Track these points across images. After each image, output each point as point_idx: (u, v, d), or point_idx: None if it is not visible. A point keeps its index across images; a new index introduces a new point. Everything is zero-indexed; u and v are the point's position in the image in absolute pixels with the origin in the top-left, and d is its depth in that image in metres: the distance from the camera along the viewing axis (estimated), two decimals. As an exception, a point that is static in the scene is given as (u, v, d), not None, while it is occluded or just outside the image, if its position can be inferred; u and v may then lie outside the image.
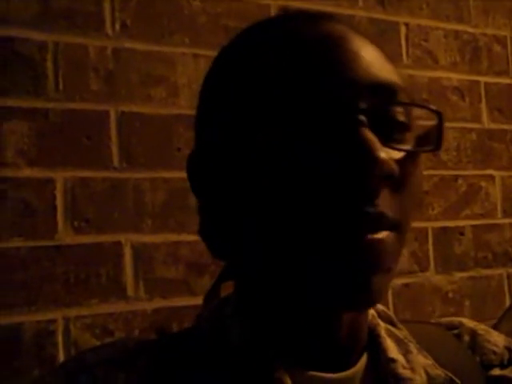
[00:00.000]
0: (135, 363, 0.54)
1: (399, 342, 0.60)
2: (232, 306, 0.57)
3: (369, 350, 0.58)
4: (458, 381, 0.58)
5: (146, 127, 1.29)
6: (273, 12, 1.47)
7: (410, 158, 0.52)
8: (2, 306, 1.13)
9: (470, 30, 1.79)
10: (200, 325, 0.59)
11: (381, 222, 0.48)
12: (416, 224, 1.59)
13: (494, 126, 1.78)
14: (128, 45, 1.30)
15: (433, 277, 1.60)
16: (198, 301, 1.28)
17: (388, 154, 0.48)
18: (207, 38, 1.39)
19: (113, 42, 1.29)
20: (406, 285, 1.55)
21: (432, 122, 0.54)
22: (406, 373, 0.57)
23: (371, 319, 0.60)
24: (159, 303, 1.25)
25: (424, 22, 1.71)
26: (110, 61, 1.28)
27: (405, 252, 1.56)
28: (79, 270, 1.19)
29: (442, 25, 1.74)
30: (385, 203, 0.49)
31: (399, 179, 0.50)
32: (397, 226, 0.50)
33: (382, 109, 0.51)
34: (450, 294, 1.62)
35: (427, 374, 0.58)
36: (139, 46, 1.31)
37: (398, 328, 0.62)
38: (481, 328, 0.67)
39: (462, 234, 1.67)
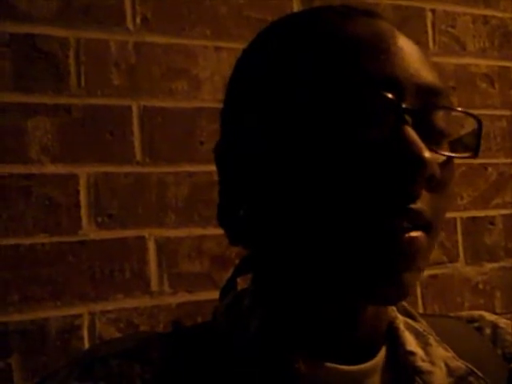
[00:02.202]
0: (150, 355, 0.54)
1: (418, 334, 0.60)
2: (250, 298, 0.57)
3: (387, 343, 0.58)
4: (479, 373, 0.58)
5: (169, 121, 1.29)
6: (295, 3, 1.45)
7: (448, 162, 0.52)
8: (28, 302, 1.14)
9: (499, 14, 1.75)
10: (217, 318, 0.59)
11: (418, 221, 0.49)
12: (444, 214, 1.56)
13: (524, 112, 1.74)
14: (149, 39, 1.30)
15: (462, 268, 1.58)
16: (223, 294, 1.28)
17: (432, 156, 0.49)
18: (229, 29, 1.38)
19: (134, 36, 1.29)
20: (435, 276, 1.53)
21: (467, 128, 0.54)
22: (426, 365, 0.57)
23: (390, 312, 0.60)
24: (184, 297, 1.25)
25: (451, 7, 1.67)
26: (132, 55, 1.28)
27: (433, 243, 1.54)
28: (103, 265, 1.20)
29: (469, 10, 1.70)
30: (423, 203, 0.49)
31: (438, 182, 0.50)
32: (430, 228, 0.50)
33: (426, 111, 0.51)
34: (480, 286, 1.59)
35: (447, 366, 0.57)
36: (160, 40, 1.31)
37: (417, 321, 0.62)
38: (502, 321, 0.67)
39: (492, 223, 1.64)
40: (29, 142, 1.18)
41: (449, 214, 1.57)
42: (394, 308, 0.61)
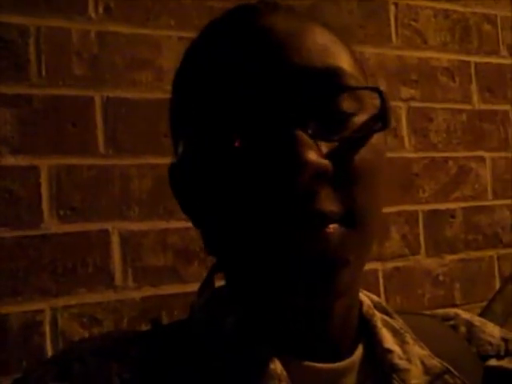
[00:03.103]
0: (128, 353, 0.53)
1: (395, 332, 0.60)
2: (226, 296, 0.57)
3: (365, 341, 0.58)
4: (454, 371, 0.58)
5: (132, 112, 1.27)
6: (260, -7, 1.44)
7: (358, 142, 0.51)
8: (-12, 297, 1.11)
9: (460, 9, 1.77)
10: (194, 315, 0.58)
11: (324, 219, 0.48)
12: (406, 207, 1.58)
13: (484, 106, 1.77)
14: (112, 28, 1.28)
15: (423, 260, 1.60)
16: (187, 288, 1.28)
17: (317, 153, 0.47)
18: (193, 20, 1.36)
19: (96, 25, 1.26)
20: (397, 268, 1.55)
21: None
22: (403, 363, 0.56)
23: (367, 310, 0.60)
24: (148, 291, 1.24)
25: (413, 1, 1.69)
26: (94, 45, 1.26)
27: (395, 235, 1.56)
28: (66, 259, 1.18)
29: (431, 4, 1.72)
30: (328, 199, 0.48)
31: (342, 170, 0.49)
32: (348, 219, 0.49)
33: (317, 98, 0.49)
34: (441, 277, 1.62)
35: (423, 364, 0.57)
36: (123, 30, 1.29)
37: (394, 318, 0.62)
38: (476, 319, 0.67)
39: (452, 216, 1.66)
40: (-13, 133, 1.15)
41: (410, 207, 1.59)
42: (371, 305, 0.61)
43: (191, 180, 0.54)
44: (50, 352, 1.14)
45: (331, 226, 0.48)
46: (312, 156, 0.47)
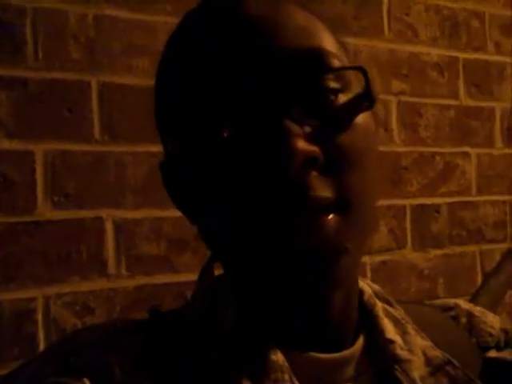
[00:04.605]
0: (129, 344, 0.52)
1: (396, 322, 0.60)
2: (225, 286, 0.56)
3: (366, 331, 0.58)
4: (455, 362, 0.58)
5: (128, 99, 1.26)
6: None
7: (344, 122, 0.50)
8: (-20, 284, 1.10)
9: (450, 4, 1.78)
10: (194, 304, 0.58)
11: (319, 207, 0.48)
12: (395, 201, 1.59)
13: (471, 102, 1.78)
14: (109, 12, 1.25)
15: (410, 254, 1.61)
16: (180, 278, 1.27)
17: (305, 139, 0.47)
18: (189, 5, 1.33)
19: (93, 8, 1.24)
20: (384, 262, 1.56)
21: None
22: (404, 354, 0.57)
23: (368, 299, 0.60)
24: (141, 280, 1.23)
25: (406, -5, 1.69)
26: (91, 28, 1.23)
27: (383, 229, 1.57)
28: (59, 246, 1.16)
29: (423, -2, 1.73)
30: (320, 185, 0.48)
31: (332, 153, 0.49)
32: (341, 204, 0.49)
33: (302, 81, 0.49)
34: (426, 271, 1.64)
35: (425, 355, 0.58)
36: (120, 14, 1.26)
37: (395, 308, 0.61)
38: (477, 309, 0.68)
39: (437, 211, 1.68)
40: (-19, 116, 1.12)
41: (399, 202, 1.60)
42: (373, 294, 0.61)
43: (183, 175, 0.53)
44: (42, 340, 1.12)
45: (327, 215, 0.48)
46: (300, 144, 0.46)
